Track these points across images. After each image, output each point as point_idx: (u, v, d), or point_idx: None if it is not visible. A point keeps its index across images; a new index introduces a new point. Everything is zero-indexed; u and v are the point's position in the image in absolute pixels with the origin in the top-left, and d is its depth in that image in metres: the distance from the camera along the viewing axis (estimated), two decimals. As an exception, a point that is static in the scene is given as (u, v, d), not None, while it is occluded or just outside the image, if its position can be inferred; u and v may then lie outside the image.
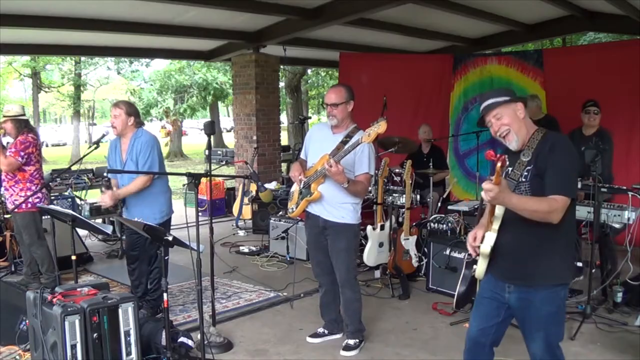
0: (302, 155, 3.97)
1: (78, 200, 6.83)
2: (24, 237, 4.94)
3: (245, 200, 7.61)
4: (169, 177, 4.52)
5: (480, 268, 2.58)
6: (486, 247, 2.47)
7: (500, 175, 2.20)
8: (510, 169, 2.52)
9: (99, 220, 6.81)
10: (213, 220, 4.04)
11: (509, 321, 2.68)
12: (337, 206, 3.68)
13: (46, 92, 23.43)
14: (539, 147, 2.45)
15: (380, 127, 3.33)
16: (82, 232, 6.21)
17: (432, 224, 5.42)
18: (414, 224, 5.48)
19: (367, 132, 3.38)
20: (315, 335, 4.05)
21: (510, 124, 2.48)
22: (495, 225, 2.45)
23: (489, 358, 2.75)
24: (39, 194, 4.86)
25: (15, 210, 4.79)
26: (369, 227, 5.05)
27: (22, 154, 4.75)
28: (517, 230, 2.43)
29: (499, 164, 2.17)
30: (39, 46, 7.91)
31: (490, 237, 2.46)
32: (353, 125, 3.71)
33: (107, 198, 4.12)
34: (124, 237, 5.78)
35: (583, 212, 4.49)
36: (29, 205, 4.78)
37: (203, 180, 3.45)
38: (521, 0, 6.58)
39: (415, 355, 3.78)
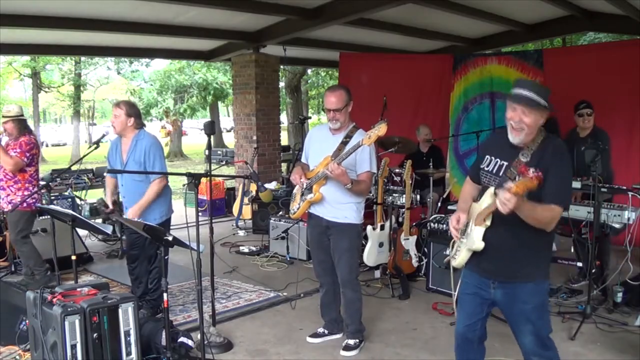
0: (302, 159, 3.97)
1: (78, 200, 6.83)
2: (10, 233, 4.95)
3: (245, 200, 7.61)
4: (169, 177, 4.52)
5: (461, 258, 2.62)
6: (479, 243, 2.49)
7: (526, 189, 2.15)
8: (505, 163, 2.54)
9: (99, 220, 6.81)
10: (213, 220, 4.04)
11: (489, 314, 2.75)
12: (340, 206, 3.69)
13: (46, 92, 23.42)
14: (539, 150, 2.47)
15: (380, 129, 3.35)
16: (82, 232, 6.20)
17: (432, 224, 5.41)
18: (414, 224, 5.48)
19: (367, 134, 3.41)
20: (315, 335, 4.05)
21: (530, 126, 2.45)
22: (488, 221, 2.47)
23: (479, 353, 2.79)
24: (35, 195, 4.86)
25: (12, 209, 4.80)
26: (369, 227, 5.05)
27: (28, 154, 4.79)
28: (502, 228, 2.46)
29: (536, 183, 2.13)
30: (39, 46, 7.91)
31: (480, 232, 2.49)
32: (352, 124, 3.74)
33: (133, 214, 4.04)
34: (124, 237, 5.78)
35: (583, 212, 4.49)
36: (24, 204, 4.79)
37: (203, 180, 3.45)
38: (521, 0, 6.58)
39: (415, 355, 3.78)
